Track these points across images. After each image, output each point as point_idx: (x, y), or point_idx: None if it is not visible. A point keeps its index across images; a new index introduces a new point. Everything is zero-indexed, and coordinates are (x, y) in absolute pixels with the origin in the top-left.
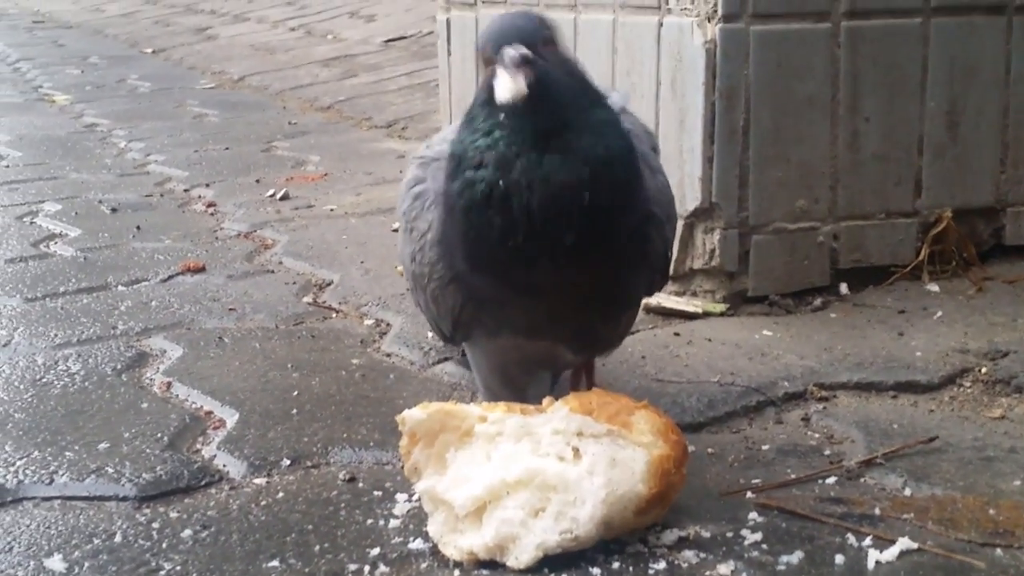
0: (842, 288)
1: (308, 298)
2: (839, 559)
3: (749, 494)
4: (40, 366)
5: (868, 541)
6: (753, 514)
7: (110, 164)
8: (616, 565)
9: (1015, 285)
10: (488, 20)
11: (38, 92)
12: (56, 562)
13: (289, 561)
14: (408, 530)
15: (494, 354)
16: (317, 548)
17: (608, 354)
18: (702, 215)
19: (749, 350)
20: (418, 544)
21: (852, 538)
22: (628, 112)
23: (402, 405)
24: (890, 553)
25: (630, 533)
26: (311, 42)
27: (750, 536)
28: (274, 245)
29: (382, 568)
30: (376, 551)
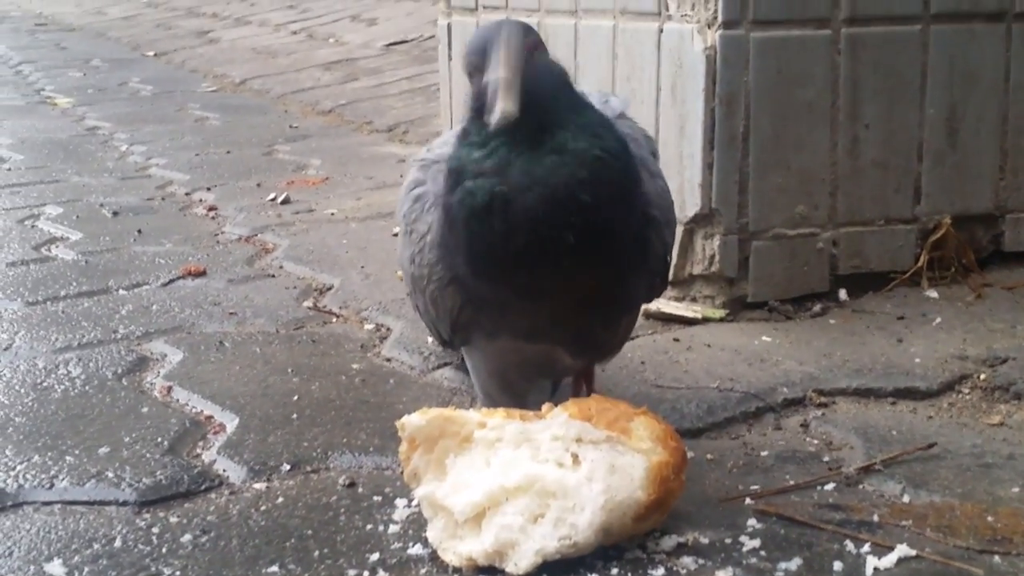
0: (841, 294)
1: (308, 302)
2: (837, 566)
3: (748, 500)
4: (41, 370)
5: (866, 548)
6: (752, 520)
7: (111, 167)
8: (615, 571)
9: (1014, 292)
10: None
11: (40, 95)
12: (56, 567)
13: (289, 566)
14: (407, 536)
15: (493, 358)
16: (316, 553)
17: (608, 360)
18: (702, 221)
19: (748, 356)
20: (417, 550)
21: (850, 545)
22: (626, 117)
23: (402, 410)
24: (888, 560)
25: (629, 539)
26: (312, 46)
27: (749, 542)
28: (275, 249)
29: (381, 574)
30: (375, 556)
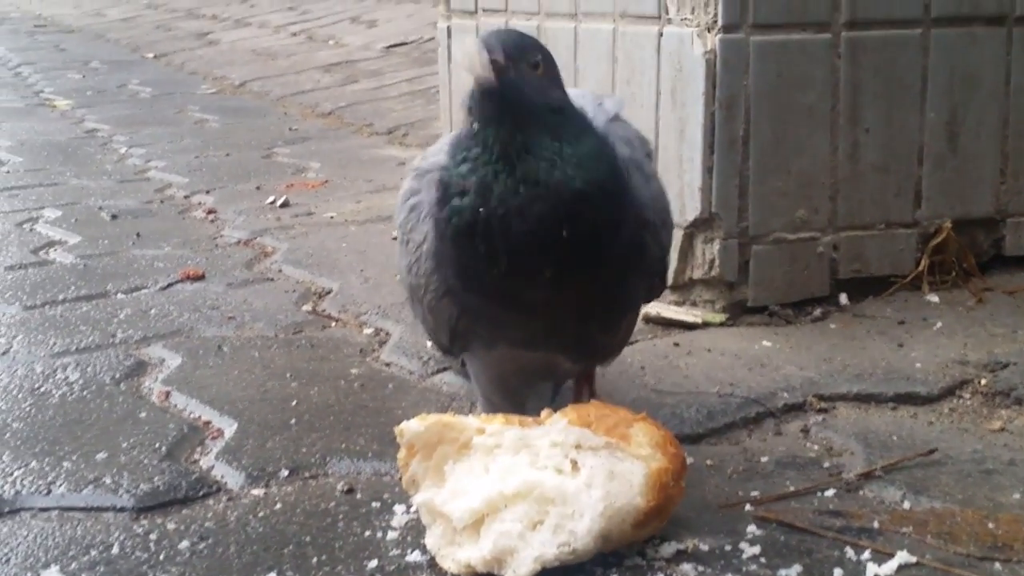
0: (842, 298)
1: (307, 306)
2: (837, 573)
3: (748, 507)
4: (39, 375)
5: (867, 555)
6: (752, 527)
7: (110, 170)
8: None
9: (1015, 296)
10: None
11: (39, 97)
12: (53, 573)
13: (287, 573)
14: (406, 542)
15: (492, 365)
16: (315, 560)
17: (609, 362)
18: (702, 225)
19: (748, 361)
20: (416, 556)
21: (851, 551)
22: (621, 119)
23: (401, 415)
24: (888, 567)
25: (628, 546)
26: (312, 48)
27: (748, 549)
28: (274, 253)
29: None
30: (374, 563)
